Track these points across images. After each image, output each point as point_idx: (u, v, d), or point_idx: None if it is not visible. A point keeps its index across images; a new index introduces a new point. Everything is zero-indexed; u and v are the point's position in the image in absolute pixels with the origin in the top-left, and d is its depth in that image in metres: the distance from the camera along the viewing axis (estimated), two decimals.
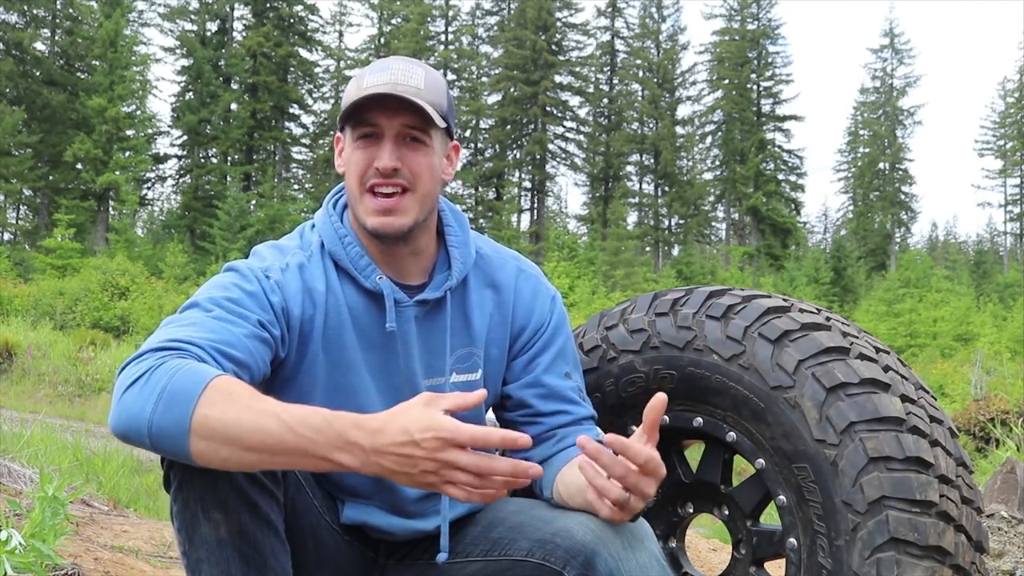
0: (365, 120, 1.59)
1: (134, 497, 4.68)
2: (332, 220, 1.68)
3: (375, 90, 1.57)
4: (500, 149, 49.84)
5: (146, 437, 1.31)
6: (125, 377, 1.35)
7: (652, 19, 51.43)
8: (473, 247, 1.74)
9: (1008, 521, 3.35)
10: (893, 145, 52.46)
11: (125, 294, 22.64)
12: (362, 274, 1.63)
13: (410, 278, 1.68)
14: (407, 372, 1.65)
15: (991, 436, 8.05)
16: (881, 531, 1.59)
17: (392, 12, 49.02)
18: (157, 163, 44.01)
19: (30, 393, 13.24)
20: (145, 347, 1.39)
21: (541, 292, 1.77)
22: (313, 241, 1.67)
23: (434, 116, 1.58)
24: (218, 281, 1.56)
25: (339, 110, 1.66)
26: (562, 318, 1.78)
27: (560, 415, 1.70)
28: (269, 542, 1.46)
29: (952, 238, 66.57)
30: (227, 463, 1.31)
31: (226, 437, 1.28)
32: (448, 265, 1.71)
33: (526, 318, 1.75)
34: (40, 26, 42.19)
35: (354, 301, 1.63)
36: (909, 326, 28.54)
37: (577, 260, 34.37)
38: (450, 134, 1.68)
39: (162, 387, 1.30)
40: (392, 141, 1.59)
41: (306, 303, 1.59)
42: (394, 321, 1.62)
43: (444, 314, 1.68)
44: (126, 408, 1.32)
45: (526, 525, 1.59)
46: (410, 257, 1.67)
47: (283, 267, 1.60)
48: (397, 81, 1.58)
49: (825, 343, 1.71)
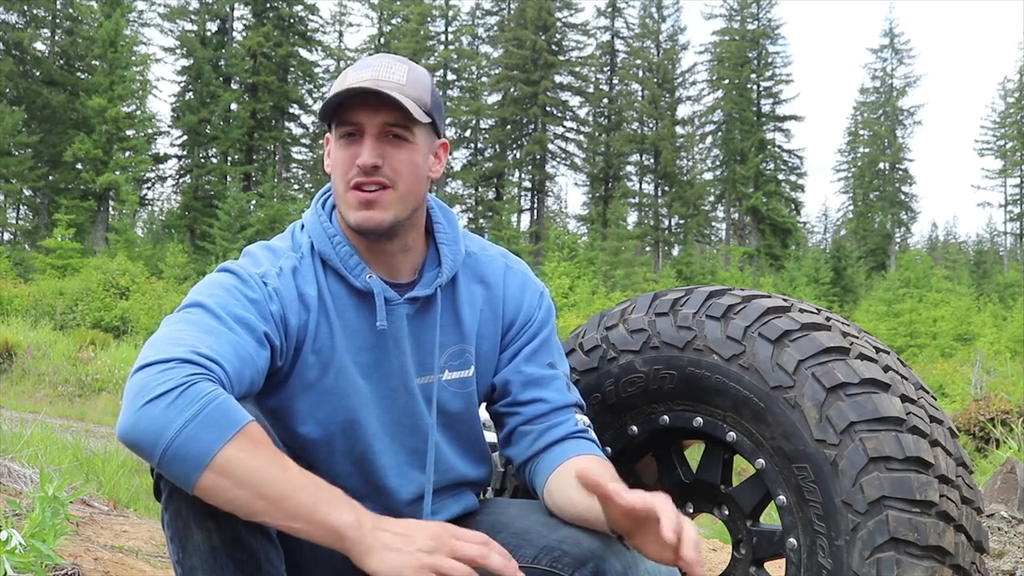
0: (346, 119, 1.59)
1: (134, 497, 4.68)
2: (321, 220, 1.67)
3: (356, 86, 1.55)
4: (500, 149, 49.85)
5: (159, 453, 1.30)
6: (147, 383, 1.32)
7: (652, 19, 51.45)
8: (463, 244, 1.74)
9: (1008, 521, 3.35)
10: (893, 145, 52.48)
11: (125, 294, 22.65)
12: (351, 273, 1.62)
13: (400, 276, 1.68)
14: (400, 371, 1.65)
15: (991, 436, 8.05)
16: (881, 531, 1.59)
17: (392, 12, 49.03)
18: (157, 163, 44.02)
19: (30, 393, 13.24)
20: (167, 353, 1.36)
21: (529, 286, 1.78)
22: (303, 242, 1.66)
23: (416, 112, 1.57)
24: (219, 282, 1.54)
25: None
26: (549, 312, 1.78)
27: (537, 403, 1.70)
28: (263, 548, 1.46)
29: (952, 238, 66.60)
30: (233, 503, 1.32)
31: (244, 481, 1.30)
32: (437, 262, 1.70)
33: (515, 312, 1.75)
34: (40, 26, 42.20)
35: (344, 302, 1.62)
36: (909, 326, 28.54)
37: (577, 260, 34.36)
38: (437, 131, 1.66)
39: (194, 413, 1.29)
40: (373, 138, 1.58)
41: (300, 310, 1.58)
42: (384, 319, 1.61)
43: (434, 312, 1.67)
44: (146, 419, 1.30)
45: (530, 531, 1.59)
46: (399, 255, 1.67)
47: (278, 272, 1.58)
48: (379, 78, 1.57)
49: (825, 343, 1.71)
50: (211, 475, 1.30)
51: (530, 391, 1.71)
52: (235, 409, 1.34)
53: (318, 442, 1.62)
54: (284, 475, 1.33)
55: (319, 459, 1.62)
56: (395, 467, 1.66)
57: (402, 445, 1.67)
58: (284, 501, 1.32)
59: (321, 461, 1.62)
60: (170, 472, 1.33)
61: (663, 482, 2.05)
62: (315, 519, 1.32)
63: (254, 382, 1.48)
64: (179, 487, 1.38)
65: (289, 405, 1.61)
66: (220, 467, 1.30)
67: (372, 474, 1.65)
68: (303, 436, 1.61)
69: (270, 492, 1.31)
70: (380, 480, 1.65)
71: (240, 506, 1.33)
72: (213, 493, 1.32)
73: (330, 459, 1.63)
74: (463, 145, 49.91)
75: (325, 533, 1.32)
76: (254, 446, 1.33)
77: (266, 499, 1.31)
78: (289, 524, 1.33)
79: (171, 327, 1.44)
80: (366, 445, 1.63)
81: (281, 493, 1.31)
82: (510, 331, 1.74)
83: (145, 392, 1.32)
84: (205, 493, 1.32)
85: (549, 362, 1.74)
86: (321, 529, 1.32)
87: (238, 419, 1.32)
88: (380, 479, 1.65)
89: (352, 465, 1.64)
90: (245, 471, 1.31)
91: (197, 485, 1.31)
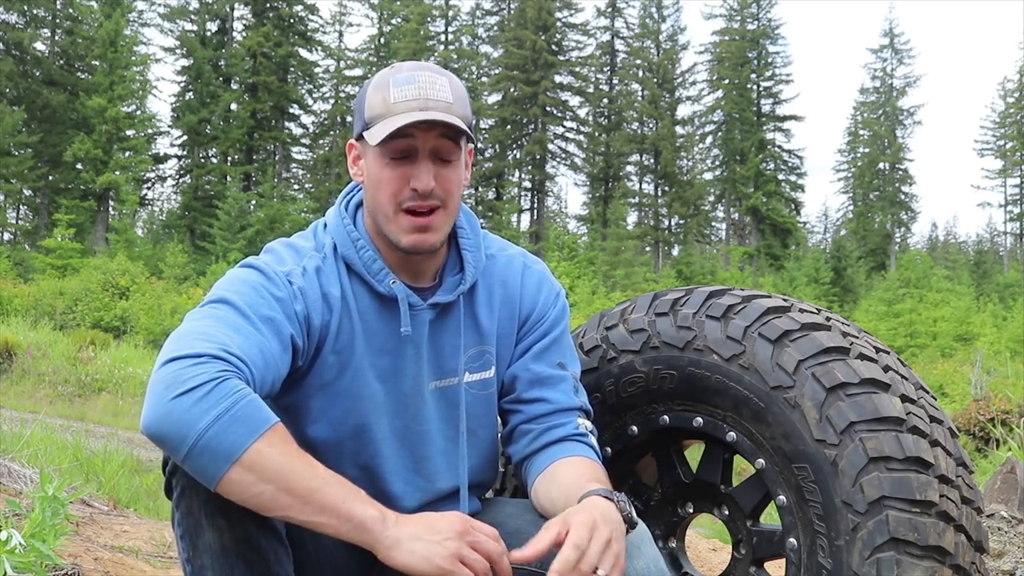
0: (399, 138, 1.56)
1: (134, 497, 4.68)
2: (345, 223, 1.66)
3: (408, 112, 1.53)
4: (500, 149, 49.83)
5: (187, 447, 1.31)
6: (178, 376, 1.33)
7: (652, 19, 51.43)
8: (483, 249, 1.74)
9: (1008, 521, 3.36)
10: (893, 145, 52.46)
11: (125, 294, 22.64)
12: (375, 278, 1.62)
13: (422, 280, 1.68)
14: (415, 377, 1.65)
15: (991, 436, 8.04)
16: (881, 531, 1.59)
17: (392, 12, 49.00)
18: (157, 163, 44.02)
19: (30, 393, 13.24)
20: (197, 347, 1.36)
21: (545, 285, 1.78)
22: (326, 243, 1.65)
23: (466, 131, 1.58)
24: (245, 279, 1.53)
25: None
26: (563, 312, 1.78)
27: (540, 403, 1.70)
28: (272, 547, 1.46)
29: (952, 238, 66.60)
30: (257, 499, 1.34)
31: (272, 476, 1.32)
32: (458, 267, 1.70)
33: (530, 308, 1.75)
34: (40, 26, 42.19)
35: (366, 305, 1.62)
36: (909, 326, 28.54)
37: (577, 260, 34.36)
38: (471, 140, 1.66)
39: (225, 408, 1.31)
40: (427, 159, 1.57)
41: (324, 309, 1.58)
42: (408, 325, 1.61)
43: (456, 315, 1.67)
44: (175, 412, 1.31)
45: (521, 531, 1.60)
46: (425, 262, 1.67)
47: (302, 271, 1.58)
48: (428, 96, 1.55)
49: (825, 343, 1.71)
50: (239, 470, 1.31)
51: (535, 390, 1.71)
52: (264, 408, 1.36)
53: (327, 443, 1.62)
54: (311, 471, 1.36)
55: (326, 461, 1.62)
56: (401, 473, 1.66)
57: (410, 452, 1.67)
58: (312, 495, 1.34)
59: (327, 463, 1.62)
60: (196, 465, 1.33)
61: (663, 482, 2.05)
62: (343, 513, 1.35)
63: (274, 385, 1.49)
64: (194, 484, 1.39)
65: (304, 403, 1.61)
66: (249, 462, 1.31)
67: (378, 479, 1.65)
68: (313, 436, 1.61)
69: (297, 487, 1.33)
70: (385, 486, 1.65)
71: (264, 501, 1.34)
72: (238, 488, 1.33)
73: (337, 461, 1.62)
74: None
75: (352, 527, 1.35)
76: (283, 443, 1.35)
77: (293, 494, 1.33)
78: (315, 519, 1.35)
79: (198, 322, 1.44)
80: (375, 449, 1.63)
81: (309, 488, 1.34)
82: (523, 326, 1.75)
83: (176, 385, 1.32)
84: (229, 488, 1.33)
85: (559, 362, 1.74)
86: (348, 523, 1.35)
87: (267, 417, 1.35)
88: (385, 484, 1.65)
89: (358, 469, 1.64)
90: (274, 467, 1.32)
91: (224, 479, 1.32)
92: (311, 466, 1.36)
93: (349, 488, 1.38)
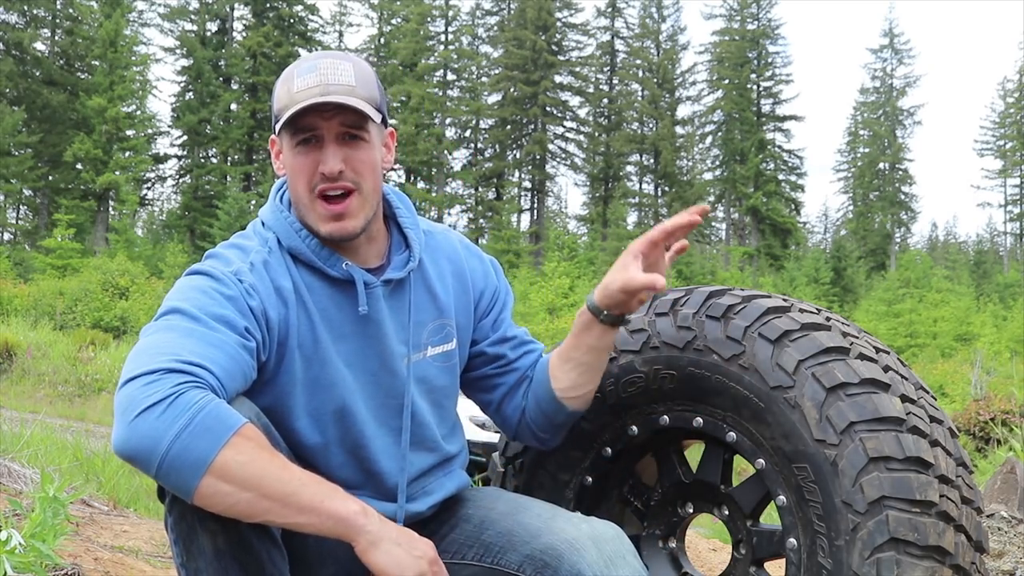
0: (302, 126, 1.59)
1: (134, 497, 4.67)
2: (284, 215, 1.67)
3: (308, 99, 1.55)
4: (500, 149, 49.85)
5: (156, 464, 1.30)
6: (136, 396, 1.32)
7: (652, 19, 51.46)
8: (421, 226, 1.79)
9: (1008, 521, 3.36)
10: (893, 145, 52.48)
11: (125, 294, 22.65)
12: (327, 263, 1.63)
13: (369, 262, 1.70)
14: (381, 355, 1.67)
15: (991, 436, 8.05)
16: (881, 531, 1.59)
17: (392, 12, 49.03)
18: (157, 163, 44.05)
19: (30, 393, 13.24)
20: (152, 364, 1.36)
21: (483, 259, 1.90)
22: (269, 238, 1.66)
23: (371, 112, 1.59)
24: (194, 285, 1.53)
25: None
26: (501, 275, 1.93)
27: (526, 355, 1.88)
28: (266, 549, 1.46)
29: (952, 238, 66.60)
30: (235, 507, 1.34)
31: (245, 483, 1.32)
32: (403, 246, 1.75)
33: (483, 283, 1.86)
34: (40, 26, 42.21)
35: (319, 293, 1.63)
36: (909, 326, 28.54)
37: (577, 260, 34.36)
38: (385, 122, 1.68)
39: (188, 419, 1.30)
40: (333, 143, 1.59)
41: (278, 304, 1.58)
42: (366, 304, 1.63)
43: (409, 291, 1.71)
44: (140, 431, 1.30)
45: (514, 533, 1.63)
46: (365, 245, 1.69)
47: (250, 267, 1.58)
48: (328, 82, 1.57)
49: (825, 343, 1.71)
50: (211, 480, 1.31)
51: (519, 349, 1.88)
52: (227, 413, 1.34)
53: (313, 435, 1.63)
54: (286, 473, 1.35)
55: (314, 452, 1.64)
56: (386, 450, 1.69)
57: (389, 428, 1.69)
58: (290, 498, 1.34)
59: (316, 454, 1.64)
60: (169, 483, 1.33)
61: (663, 482, 2.05)
62: (323, 511, 1.35)
63: (247, 375, 1.49)
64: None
65: (283, 402, 1.61)
66: (219, 471, 1.31)
67: (366, 460, 1.66)
68: (298, 431, 1.62)
69: (274, 491, 1.33)
70: (374, 466, 1.67)
71: (243, 509, 1.34)
72: (214, 499, 1.33)
73: (325, 451, 1.64)
74: (463, 145, 49.95)
75: (334, 523, 1.36)
76: (251, 447, 1.34)
77: (270, 498, 1.33)
78: (296, 519, 1.35)
79: (152, 337, 1.44)
80: (358, 432, 1.65)
81: (285, 491, 1.34)
82: (481, 302, 1.85)
83: (134, 406, 1.32)
84: (205, 500, 1.33)
85: (516, 323, 1.91)
86: (330, 520, 1.36)
87: (232, 423, 1.33)
88: (374, 464, 1.67)
89: (346, 454, 1.65)
90: (245, 473, 1.32)
91: (197, 493, 1.32)
92: (285, 468, 1.36)
93: (327, 486, 1.39)
